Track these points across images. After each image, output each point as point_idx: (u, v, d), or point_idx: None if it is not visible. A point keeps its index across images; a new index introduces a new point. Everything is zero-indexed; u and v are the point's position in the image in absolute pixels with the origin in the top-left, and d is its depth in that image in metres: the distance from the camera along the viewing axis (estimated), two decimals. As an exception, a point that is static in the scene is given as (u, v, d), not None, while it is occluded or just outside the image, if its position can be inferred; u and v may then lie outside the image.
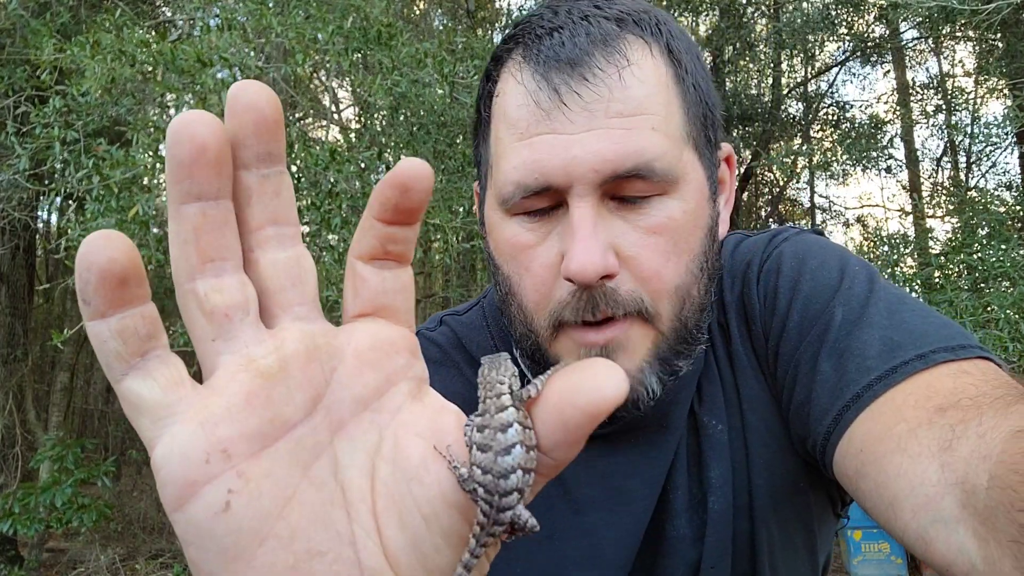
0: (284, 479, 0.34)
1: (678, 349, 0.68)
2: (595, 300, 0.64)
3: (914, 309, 0.67)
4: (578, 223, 0.62)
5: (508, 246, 0.68)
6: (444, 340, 0.84)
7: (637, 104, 0.63)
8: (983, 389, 0.55)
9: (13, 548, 6.59)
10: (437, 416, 0.38)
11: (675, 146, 0.65)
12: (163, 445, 0.32)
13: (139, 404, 0.33)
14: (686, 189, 0.66)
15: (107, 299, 0.31)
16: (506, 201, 0.66)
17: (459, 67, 4.83)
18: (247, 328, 0.34)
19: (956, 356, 0.60)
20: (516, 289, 0.69)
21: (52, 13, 5.11)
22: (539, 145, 0.63)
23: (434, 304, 8.68)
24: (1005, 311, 4.28)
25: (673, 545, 0.74)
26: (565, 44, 0.64)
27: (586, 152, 0.62)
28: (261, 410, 0.33)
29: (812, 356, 0.68)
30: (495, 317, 0.83)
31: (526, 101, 0.64)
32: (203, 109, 3.96)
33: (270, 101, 0.33)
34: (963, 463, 0.49)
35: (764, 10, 9.28)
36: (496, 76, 0.70)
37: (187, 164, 0.32)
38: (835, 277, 0.72)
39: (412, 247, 0.38)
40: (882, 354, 0.63)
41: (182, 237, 0.33)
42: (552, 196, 0.65)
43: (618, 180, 0.63)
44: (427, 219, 4.52)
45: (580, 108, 0.62)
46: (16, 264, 6.80)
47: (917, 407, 0.57)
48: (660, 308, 0.66)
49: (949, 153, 9.81)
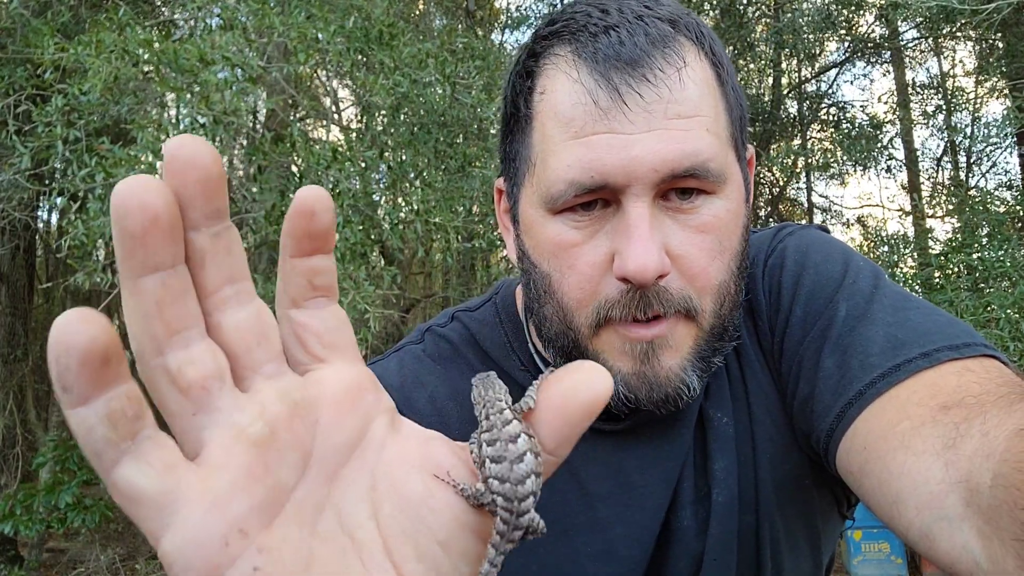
0: (298, 543, 0.33)
1: (716, 346, 0.69)
2: (648, 299, 0.64)
3: (919, 307, 0.67)
4: (636, 223, 0.63)
5: (551, 244, 0.68)
6: (456, 337, 0.84)
7: (693, 106, 0.64)
8: (987, 387, 0.56)
9: (13, 548, 6.59)
10: (425, 446, 0.39)
11: (724, 147, 0.66)
12: (172, 536, 0.30)
13: (137, 496, 0.30)
14: (730, 189, 0.67)
15: (91, 383, 0.29)
16: (555, 199, 0.66)
17: (460, 67, 4.83)
18: (226, 397, 0.33)
19: (960, 354, 0.61)
20: (556, 287, 0.68)
21: (53, 12, 5.11)
22: (596, 144, 0.63)
23: (434, 304, 8.68)
24: (1005, 311, 4.28)
25: (678, 536, 0.75)
26: (624, 43, 0.64)
27: (646, 152, 0.62)
28: (263, 479, 0.33)
29: (815, 352, 0.69)
30: (508, 314, 0.83)
31: (583, 99, 0.64)
32: (205, 108, 3.93)
33: (211, 155, 0.31)
34: (967, 461, 0.50)
35: (764, 10, 9.28)
36: (537, 71, 0.69)
37: (139, 235, 0.30)
38: (839, 272, 0.72)
39: (335, 279, 0.38)
40: (886, 351, 0.63)
41: (142, 311, 0.31)
42: (603, 195, 0.65)
43: (674, 179, 0.63)
44: (428, 218, 4.53)
45: (640, 108, 0.62)
46: (16, 264, 6.79)
47: (921, 405, 0.58)
48: (704, 305, 0.67)
49: (949, 153, 9.80)
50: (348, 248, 3.96)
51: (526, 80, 0.70)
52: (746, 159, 0.73)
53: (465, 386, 0.80)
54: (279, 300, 0.38)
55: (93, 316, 0.28)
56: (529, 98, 0.70)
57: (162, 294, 0.31)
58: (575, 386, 0.37)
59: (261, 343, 0.35)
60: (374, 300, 3.93)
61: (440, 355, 0.82)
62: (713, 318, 0.68)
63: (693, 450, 0.76)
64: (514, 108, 0.72)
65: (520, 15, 9.76)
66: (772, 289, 0.76)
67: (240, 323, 0.34)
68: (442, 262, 8.22)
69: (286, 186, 4.43)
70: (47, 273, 9.17)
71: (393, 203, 5.30)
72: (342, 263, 3.89)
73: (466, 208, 4.92)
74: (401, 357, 0.82)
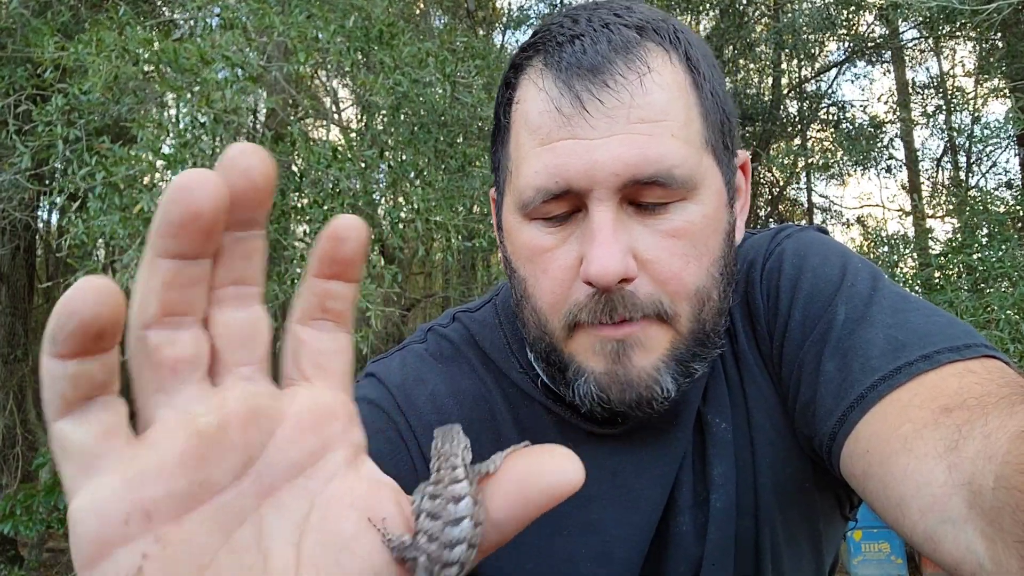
0: (203, 545, 0.32)
1: (695, 351, 0.68)
2: (613, 303, 0.64)
3: (918, 308, 0.67)
4: (598, 226, 0.63)
5: (526, 249, 0.69)
6: (457, 337, 0.84)
7: (658, 110, 0.63)
8: (988, 388, 0.55)
9: (13, 548, 6.59)
10: (373, 488, 0.37)
11: (694, 152, 0.66)
12: (81, 498, 0.30)
13: (67, 448, 0.30)
14: (705, 194, 0.66)
15: (76, 347, 0.29)
16: (526, 205, 0.67)
17: (460, 67, 4.84)
18: (192, 384, 0.32)
19: (961, 355, 0.61)
20: (532, 291, 0.69)
21: (53, 12, 5.12)
22: (561, 150, 0.64)
23: (434, 304, 8.69)
24: (1005, 312, 4.28)
25: (676, 541, 0.75)
26: (587, 51, 0.64)
27: (607, 157, 0.62)
28: (193, 471, 0.32)
29: (816, 356, 0.68)
30: (508, 316, 0.83)
31: (548, 107, 0.65)
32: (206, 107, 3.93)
33: (265, 172, 0.32)
34: (969, 464, 0.49)
35: (764, 10, 9.29)
36: (516, 83, 0.70)
37: (176, 225, 0.30)
38: (837, 274, 0.72)
39: (350, 308, 0.37)
40: (886, 354, 0.63)
41: (148, 286, 0.31)
42: (572, 201, 0.65)
43: (637, 186, 0.63)
44: (429, 216, 4.53)
45: (602, 114, 0.63)
46: (16, 264, 6.80)
47: (922, 407, 0.57)
48: (679, 310, 0.66)
49: (949, 153, 9.81)
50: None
51: (506, 91, 0.72)
52: (733, 164, 0.73)
53: (466, 385, 0.80)
54: (290, 313, 0.38)
55: (107, 291, 0.29)
56: (508, 108, 0.71)
57: (172, 278, 0.31)
58: (544, 468, 0.36)
59: (246, 345, 0.35)
60: (375, 299, 3.93)
61: (442, 354, 0.82)
62: (692, 323, 0.67)
63: (692, 455, 0.76)
64: (496, 119, 0.74)
65: (521, 15, 9.77)
66: (770, 293, 0.76)
67: (231, 322, 0.34)
68: (443, 261, 8.22)
69: (286, 185, 4.43)
70: (47, 273, 9.18)
71: (393, 202, 5.31)
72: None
73: (466, 207, 4.92)
74: (404, 355, 0.83)
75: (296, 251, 4.24)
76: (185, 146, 3.93)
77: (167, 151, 3.99)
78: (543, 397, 0.77)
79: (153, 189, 3.90)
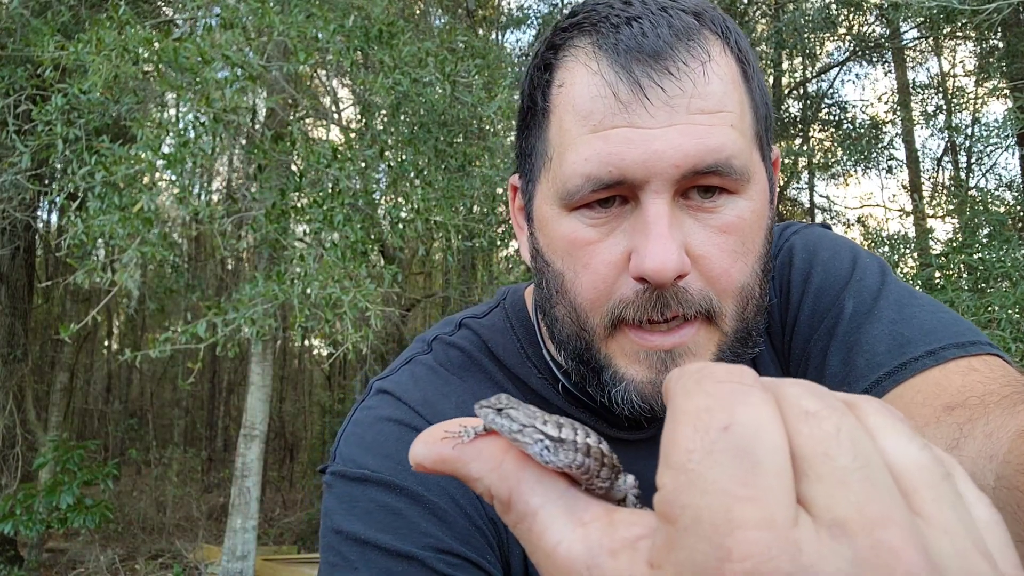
0: None
1: (737, 351, 0.67)
2: (665, 299, 0.62)
3: (924, 304, 0.67)
4: (654, 220, 0.61)
5: (566, 242, 0.66)
6: (468, 344, 0.80)
7: (717, 101, 0.62)
8: (990, 387, 0.55)
9: (13, 548, 6.60)
10: None
11: (748, 145, 0.64)
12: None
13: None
14: (754, 189, 0.65)
15: None
16: (571, 195, 0.64)
17: (460, 66, 4.83)
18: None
19: (966, 352, 0.61)
20: (569, 286, 0.66)
21: (53, 12, 5.11)
22: (615, 138, 0.61)
23: (434, 304, 8.69)
24: (1006, 311, 4.29)
25: None
26: (647, 34, 0.62)
27: (667, 147, 0.60)
28: None
29: (822, 350, 0.69)
30: (520, 321, 0.81)
31: (602, 92, 0.62)
32: (206, 106, 3.91)
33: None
34: (970, 463, 0.49)
35: (764, 10, 9.29)
36: (556, 64, 0.67)
37: None
38: (847, 268, 0.72)
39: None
40: (891, 349, 0.63)
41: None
42: (621, 191, 0.63)
43: (695, 176, 0.61)
44: (429, 216, 4.53)
45: (662, 102, 0.60)
46: (16, 264, 6.80)
47: (925, 404, 0.57)
48: (726, 308, 0.64)
49: (949, 153, 9.81)
50: (348, 246, 3.96)
51: (544, 73, 0.68)
52: (771, 159, 0.71)
53: (486, 395, 0.78)
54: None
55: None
56: (547, 91, 0.68)
57: None
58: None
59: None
60: (375, 298, 3.93)
61: (452, 364, 0.79)
62: (736, 322, 0.65)
63: None
64: (531, 102, 0.70)
65: (521, 14, 9.77)
66: (782, 287, 0.76)
67: None
68: (442, 261, 8.22)
69: (286, 185, 4.42)
70: (47, 273, 9.18)
71: (393, 202, 5.30)
72: (343, 261, 3.89)
73: (466, 207, 4.92)
74: (412, 369, 0.79)
75: (296, 251, 4.24)
76: (185, 145, 3.93)
77: (167, 150, 3.99)
78: (565, 403, 0.75)
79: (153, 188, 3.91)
